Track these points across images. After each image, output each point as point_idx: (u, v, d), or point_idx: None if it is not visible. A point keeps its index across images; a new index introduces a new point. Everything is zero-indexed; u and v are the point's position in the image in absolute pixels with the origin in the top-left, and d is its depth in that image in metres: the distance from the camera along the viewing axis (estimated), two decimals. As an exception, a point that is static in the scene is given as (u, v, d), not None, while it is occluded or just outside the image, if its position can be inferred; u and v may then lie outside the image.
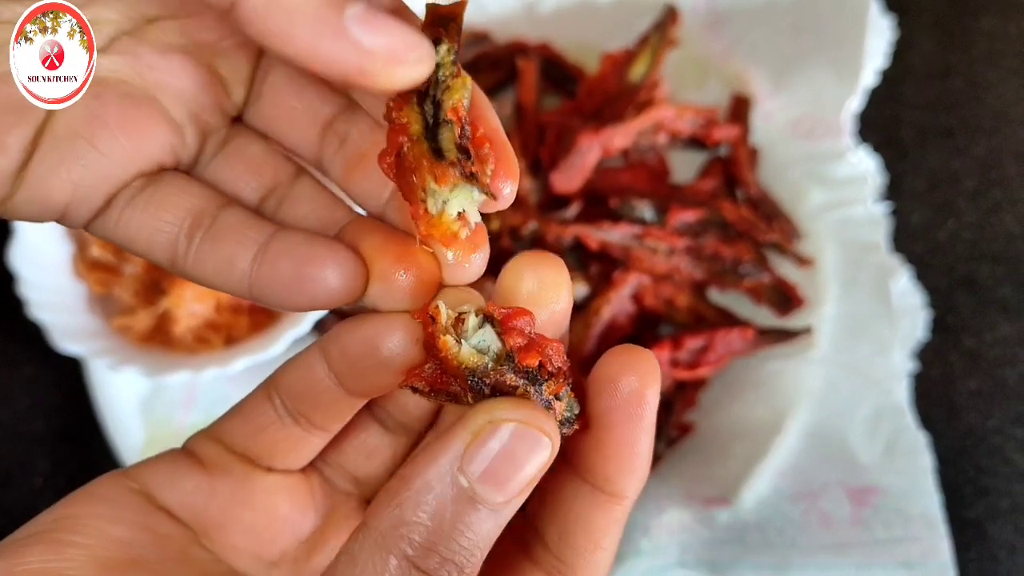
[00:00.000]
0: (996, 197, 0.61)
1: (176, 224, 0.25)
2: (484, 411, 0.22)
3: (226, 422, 0.28)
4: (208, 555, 0.26)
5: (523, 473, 0.21)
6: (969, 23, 0.67)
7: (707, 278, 0.57)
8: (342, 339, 0.25)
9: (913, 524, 0.49)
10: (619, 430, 0.23)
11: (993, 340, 0.57)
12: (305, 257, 0.24)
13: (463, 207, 0.24)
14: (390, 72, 0.22)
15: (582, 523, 0.24)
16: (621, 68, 0.60)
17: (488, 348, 0.23)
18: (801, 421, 0.52)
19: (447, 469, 0.21)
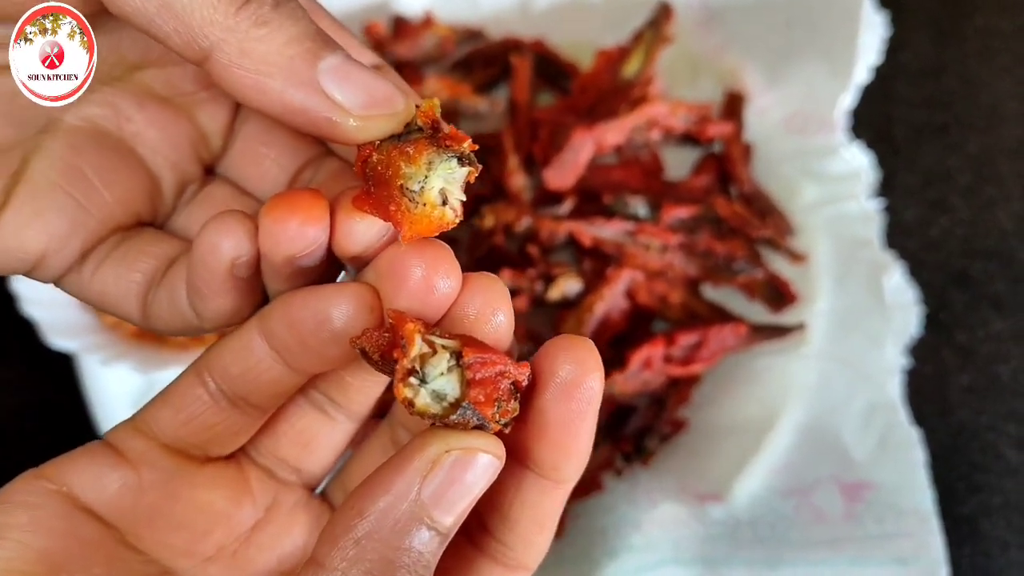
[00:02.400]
0: (989, 194, 0.61)
1: (148, 275, 0.25)
2: (439, 440, 0.21)
3: (153, 411, 0.26)
4: (137, 555, 0.25)
5: (472, 495, 0.21)
6: (962, 20, 0.67)
7: (700, 274, 0.57)
8: (291, 312, 0.24)
9: (906, 519, 0.49)
10: (560, 419, 0.23)
11: (986, 336, 0.57)
12: (202, 236, 0.23)
13: (445, 183, 0.23)
14: (360, 127, 0.22)
15: (527, 508, 0.24)
16: (615, 65, 0.60)
17: (446, 395, 0.21)
18: (794, 417, 0.52)
19: (404, 499, 0.21)
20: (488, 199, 0.59)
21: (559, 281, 0.55)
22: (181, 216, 0.27)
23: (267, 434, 0.28)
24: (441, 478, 0.21)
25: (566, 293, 0.56)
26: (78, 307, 0.53)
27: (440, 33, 0.63)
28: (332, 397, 0.28)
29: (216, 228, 0.23)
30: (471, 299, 0.23)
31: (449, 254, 0.23)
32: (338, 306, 0.23)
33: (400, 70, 0.62)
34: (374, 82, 0.23)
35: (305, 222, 0.23)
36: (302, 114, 0.22)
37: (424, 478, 0.21)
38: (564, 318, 0.55)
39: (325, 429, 0.28)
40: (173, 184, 0.26)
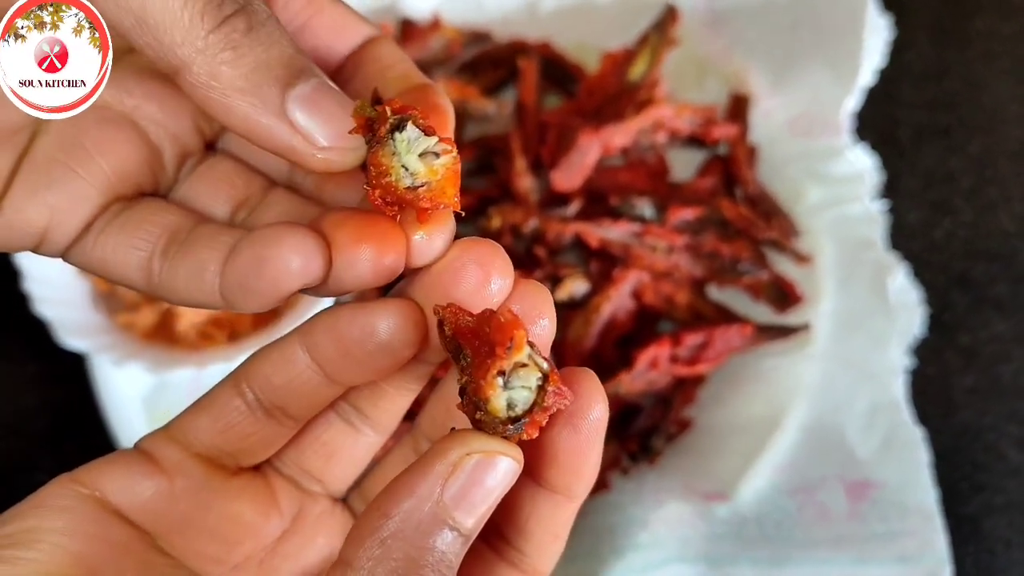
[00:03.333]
0: (992, 195, 0.62)
1: (151, 243, 0.25)
2: (460, 444, 0.22)
3: (189, 419, 0.26)
4: (168, 561, 0.25)
5: (493, 497, 0.22)
6: (965, 23, 0.67)
7: (706, 275, 0.57)
8: (337, 325, 0.24)
9: (910, 518, 0.49)
10: (570, 447, 0.24)
11: (989, 337, 0.58)
12: (263, 242, 0.23)
13: (409, 149, 0.23)
14: (325, 160, 0.23)
15: (542, 521, 0.25)
16: (621, 67, 0.61)
17: (516, 406, 0.22)
18: (799, 416, 0.52)
19: (428, 501, 0.21)
20: (495, 200, 0.59)
21: (566, 282, 0.56)
22: (183, 187, 0.27)
23: (293, 445, 0.28)
24: (462, 480, 0.22)
25: (573, 294, 0.56)
26: (90, 307, 0.53)
27: (447, 35, 0.63)
28: (361, 408, 0.28)
29: (289, 246, 0.23)
30: (518, 302, 0.24)
31: (502, 253, 0.24)
32: (384, 320, 0.24)
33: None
34: (343, 115, 0.23)
35: (385, 254, 0.23)
36: (268, 141, 0.23)
37: (446, 480, 0.21)
38: (571, 319, 0.56)
39: (350, 441, 0.28)
40: (174, 156, 0.26)
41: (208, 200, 0.27)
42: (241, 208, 0.27)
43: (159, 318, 0.52)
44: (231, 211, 0.26)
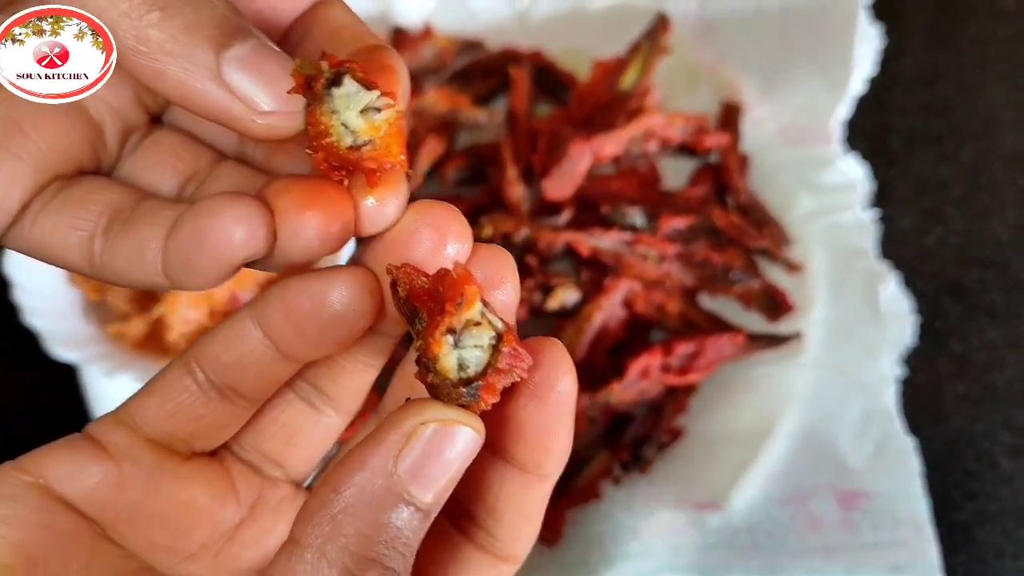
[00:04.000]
0: (984, 203, 0.62)
1: (92, 222, 0.23)
2: (415, 414, 0.21)
3: (138, 402, 0.25)
4: (117, 550, 0.24)
5: (453, 471, 0.21)
6: (958, 28, 0.67)
7: (698, 284, 0.57)
8: (287, 296, 0.23)
9: (901, 528, 0.49)
10: (537, 422, 0.23)
11: (981, 345, 0.58)
12: (203, 214, 0.21)
13: (348, 105, 0.21)
14: (267, 125, 0.22)
15: (513, 502, 0.24)
16: (612, 76, 0.61)
17: (468, 368, 0.21)
18: (790, 425, 0.52)
19: (381, 474, 0.20)
20: (487, 209, 0.59)
21: (557, 291, 0.56)
22: (127, 164, 0.25)
23: (251, 429, 0.27)
24: (418, 452, 0.20)
25: (564, 303, 0.56)
26: (80, 318, 0.53)
27: (439, 44, 0.63)
28: (321, 387, 0.27)
29: (230, 216, 0.21)
30: (479, 267, 0.23)
31: (459, 216, 0.23)
32: (337, 289, 0.23)
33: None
34: (284, 76, 0.21)
35: (333, 222, 0.22)
36: (204, 107, 0.21)
37: (400, 452, 0.20)
38: (563, 327, 0.56)
39: (310, 422, 0.27)
40: (116, 131, 0.25)
41: (153, 176, 0.25)
42: (189, 183, 0.25)
43: (149, 329, 0.52)
44: (178, 186, 0.25)
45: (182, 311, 0.51)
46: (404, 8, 0.65)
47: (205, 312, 0.52)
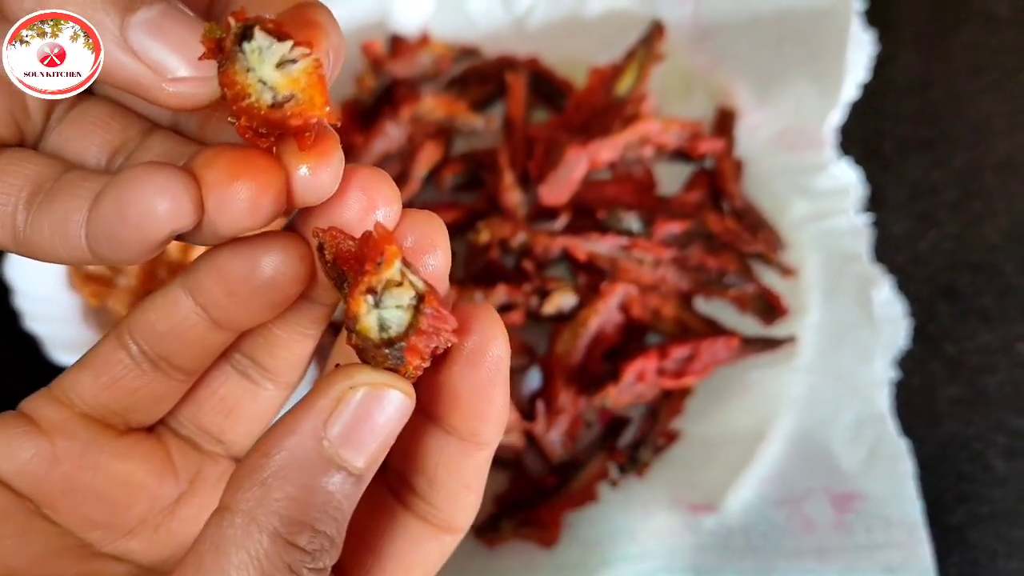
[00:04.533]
0: (976, 208, 0.62)
1: (14, 196, 0.22)
2: (344, 377, 0.21)
3: (71, 377, 0.25)
4: (52, 527, 0.24)
5: (384, 435, 0.21)
6: (949, 37, 0.68)
7: (693, 288, 0.58)
8: (218, 263, 0.23)
9: (894, 530, 0.50)
10: (471, 388, 0.22)
11: (974, 348, 0.58)
12: (126, 185, 0.20)
13: (262, 60, 0.20)
14: (177, 93, 0.21)
15: (452, 470, 0.24)
16: (608, 82, 0.61)
17: (390, 328, 0.21)
18: (785, 428, 0.53)
19: (311, 439, 0.20)
20: (484, 214, 0.60)
21: (554, 296, 0.56)
22: (52, 135, 0.25)
23: (188, 403, 0.27)
24: (348, 416, 0.20)
25: (561, 307, 0.57)
26: (81, 323, 0.54)
27: (437, 51, 0.64)
28: (257, 359, 0.27)
29: (154, 188, 0.20)
30: (408, 232, 0.22)
31: (388, 180, 0.23)
32: (268, 255, 0.22)
33: (397, 88, 0.63)
34: (194, 41, 0.20)
35: (263, 193, 0.21)
36: (111, 75, 0.21)
37: (330, 415, 0.20)
38: (559, 331, 0.56)
39: (248, 395, 0.27)
40: (40, 103, 0.24)
41: (80, 147, 0.24)
42: (117, 154, 0.24)
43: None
44: (106, 158, 0.24)
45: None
46: (402, 15, 0.65)
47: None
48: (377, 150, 0.60)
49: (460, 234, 0.61)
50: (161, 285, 0.52)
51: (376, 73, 0.63)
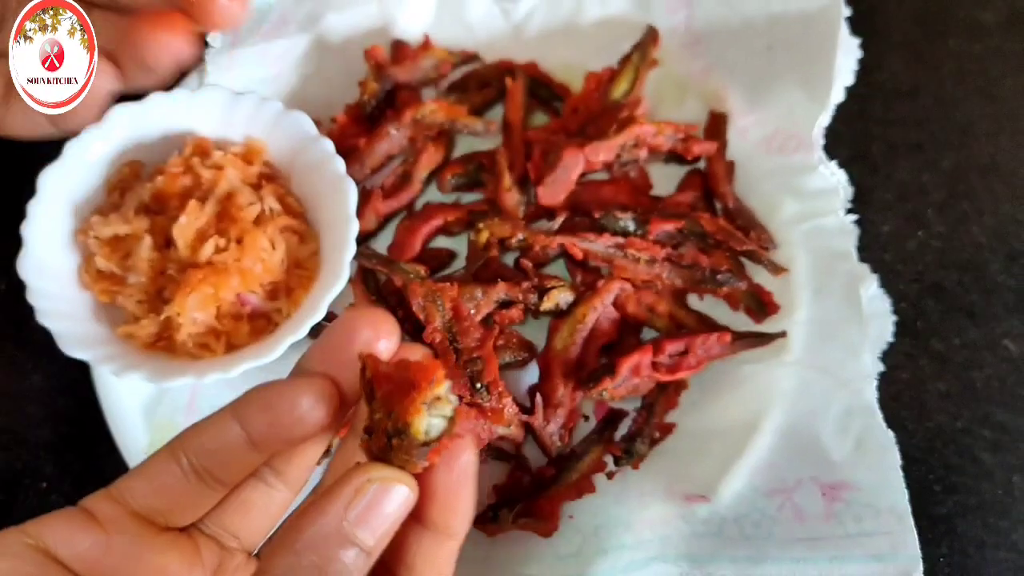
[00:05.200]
0: (963, 208, 0.64)
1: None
2: (363, 472, 0.26)
3: (129, 481, 0.31)
4: None
5: (391, 520, 0.26)
6: (936, 43, 0.70)
7: (686, 286, 0.59)
8: (267, 398, 0.29)
9: (883, 518, 0.51)
10: (445, 488, 0.28)
11: (961, 344, 0.60)
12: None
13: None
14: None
15: (428, 559, 0.29)
16: (604, 86, 0.63)
17: (431, 432, 0.26)
18: (776, 420, 0.54)
19: (334, 519, 0.25)
20: (483, 215, 0.61)
21: (552, 293, 0.58)
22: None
23: (216, 506, 0.33)
24: (364, 504, 0.26)
25: (559, 304, 0.58)
26: (92, 319, 0.55)
27: (438, 56, 0.65)
28: (275, 465, 0.32)
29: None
30: (368, 326, 0.30)
31: (390, 319, 0.29)
32: (305, 395, 0.29)
33: (399, 92, 0.65)
34: None
35: None
36: None
37: (350, 502, 0.26)
38: (557, 327, 0.58)
39: (265, 498, 0.33)
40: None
41: None
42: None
43: (158, 329, 0.54)
44: None
45: (191, 312, 0.52)
46: (404, 22, 0.67)
47: (213, 314, 0.53)
48: (380, 152, 0.62)
49: (462, 234, 0.62)
50: (171, 284, 0.53)
51: (379, 77, 0.64)
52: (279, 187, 0.58)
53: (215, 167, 0.55)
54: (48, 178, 0.53)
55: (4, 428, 0.60)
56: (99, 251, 0.54)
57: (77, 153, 0.54)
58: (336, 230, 0.55)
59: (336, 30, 0.66)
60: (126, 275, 0.54)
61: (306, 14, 0.66)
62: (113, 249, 0.54)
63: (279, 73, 0.65)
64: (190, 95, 0.57)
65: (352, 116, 0.64)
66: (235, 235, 0.53)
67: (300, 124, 0.57)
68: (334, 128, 0.64)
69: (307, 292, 0.55)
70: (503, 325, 0.58)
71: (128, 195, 0.55)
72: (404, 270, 0.57)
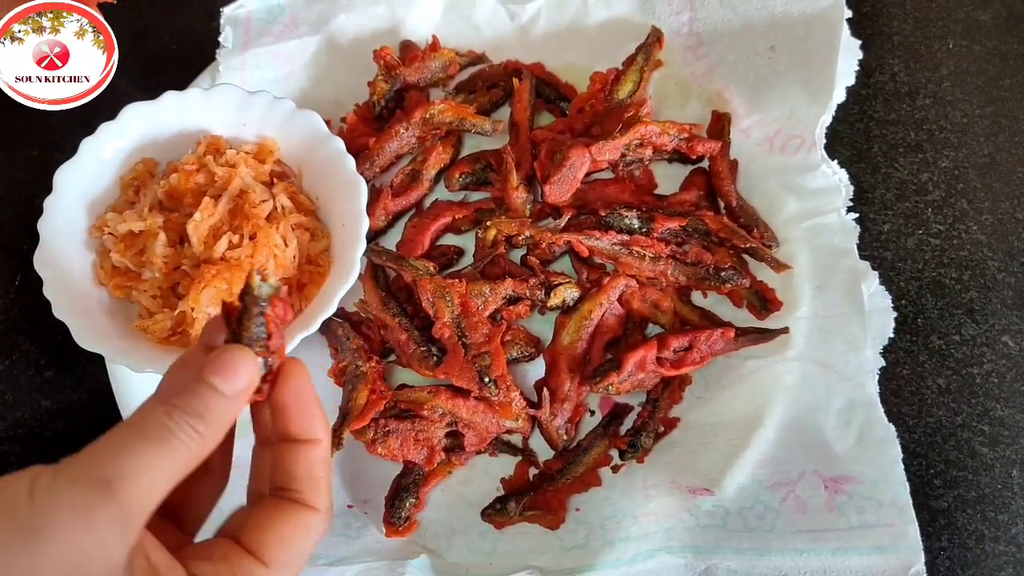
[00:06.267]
0: (962, 207, 0.64)
1: None
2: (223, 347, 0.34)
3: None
4: None
5: (243, 379, 0.33)
6: (935, 45, 0.70)
7: (691, 282, 0.60)
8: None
9: (884, 510, 0.51)
10: (294, 404, 0.35)
11: (960, 341, 0.60)
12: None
13: None
14: None
15: (304, 465, 0.35)
16: (609, 86, 0.64)
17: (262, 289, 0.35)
18: (779, 415, 0.55)
19: (194, 370, 0.33)
20: (491, 213, 0.62)
21: (559, 290, 0.59)
22: None
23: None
24: (217, 359, 0.33)
25: (566, 300, 0.59)
26: (107, 314, 0.56)
27: (446, 57, 0.66)
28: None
29: None
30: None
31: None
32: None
33: (408, 92, 0.66)
34: None
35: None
36: None
37: (208, 359, 0.33)
38: (563, 323, 0.59)
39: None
40: None
41: None
42: None
43: (173, 324, 0.55)
44: None
45: (205, 307, 0.53)
46: (412, 23, 0.68)
47: (225, 308, 0.54)
48: (389, 151, 0.63)
49: (469, 232, 0.63)
50: (185, 279, 0.54)
51: (388, 78, 0.65)
52: (290, 185, 0.58)
53: (228, 165, 0.55)
54: (64, 175, 0.54)
55: (19, 422, 0.61)
56: (114, 247, 0.55)
57: (92, 151, 0.55)
58: (347, 227, 0.56)
59: (345, 31, 0.67)
60: (141, 271, 0.55)
61: (317, 15, 0.67)
62: (128, 245, 0.55)
63: (290, 73, 0.66)
64: (204, 94, 0.58)
65: (361, 116, 0.65)
66: (248, 232, 0.54)
67: (312, 123, 0.58)
68: (344, 127, 0.65)
69: (318, 288, 0.56)
70: (510, 321, 0.58)
71: (143, 192, 0.56)
72: (414, 267, 0.57)
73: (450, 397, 0.55)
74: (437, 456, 0.56)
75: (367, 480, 0.58)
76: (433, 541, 0.56)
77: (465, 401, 0.55)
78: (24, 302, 0.62)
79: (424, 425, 0.55)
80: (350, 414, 0.55)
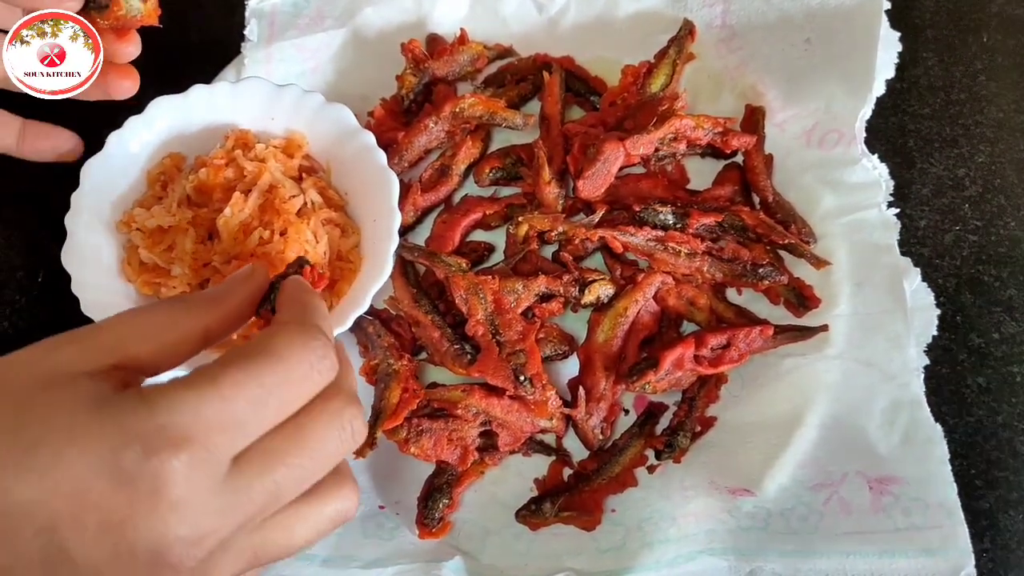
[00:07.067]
0: (999, 203, 0.64)
1: None
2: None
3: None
4: None
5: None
6: (971, 38, 0.69)
7: (727, 279, 0.59)
8: None
9: (932, 512, 0.51)
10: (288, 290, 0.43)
11: (1000, 339, 0.59)
12: None
13: None
14: None
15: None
16: (640, 80, 0.63)
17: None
18: (820, 414, 0.54)
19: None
20: (523, 208, 0.61)
21: (594, 287, 0.58)
22: None
23: None
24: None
25: (600, 298, 0.58)
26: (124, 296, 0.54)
27: (474, 50, 0.65)
28: None
29: None
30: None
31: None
32: None
33: (436, 86, 0.65)
34: None
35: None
36: None
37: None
38: (598, 321, 0.58)
39: None
40: None
41: None
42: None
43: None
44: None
45: (234, 304, 0.52)
46: (439, 16, 0.67)
47: (255, 305, 0.53)
48: (418, 146, 0.62)
49: (500, 227, 0.62)
50: (215, 275, 0.53)
51: (416, 71, 0.64)
52: (320, 180, 0.57)
53: (258, 159, 0.54)
54: (91, 169, 0.53)
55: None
56: (142, 243, 0.54)
57: (119, 145, 0.54)
58: (378, 223, 0.55)
59: (372, 24, 0.66)
60: (169, 267, 0.54)
61: (343, 8, 0.66)
62: (156, 241, 0.54)
63: (316, 67, 0.65)
64: (231, 87, 0.57)
65: (389, 110, 0.64)
66: (279, 227, 0.53)
67: (342, 116, 0.57)
68: (371, 122, 0.63)
69: (350, 284, 0.55)
70: (543, 318, 0.57)
71: (171, 187, 0.55)
72: (447, 263, 0.56)
73: (484, 396, 0.54)
74: (471, 456, 0.54)
75: (398, 481, 0.57)
76: (467, 543, 0.55)
77: (499, 400, 0.54)
78: (47, 298, 0.61)
79: (458, 424, 0.54)
80: (383, 413, 0.54)
